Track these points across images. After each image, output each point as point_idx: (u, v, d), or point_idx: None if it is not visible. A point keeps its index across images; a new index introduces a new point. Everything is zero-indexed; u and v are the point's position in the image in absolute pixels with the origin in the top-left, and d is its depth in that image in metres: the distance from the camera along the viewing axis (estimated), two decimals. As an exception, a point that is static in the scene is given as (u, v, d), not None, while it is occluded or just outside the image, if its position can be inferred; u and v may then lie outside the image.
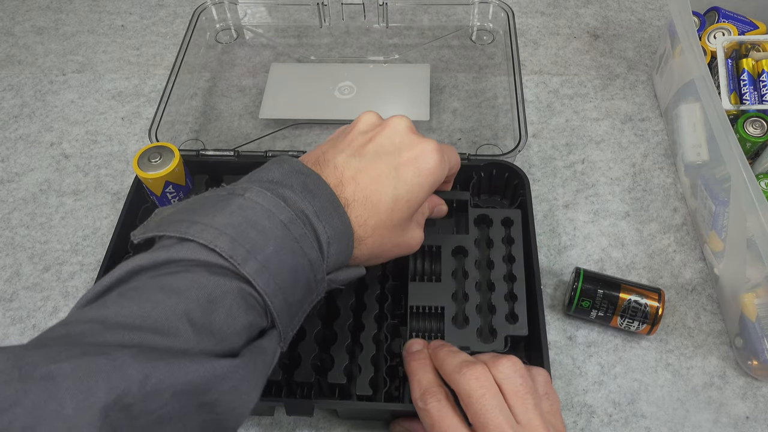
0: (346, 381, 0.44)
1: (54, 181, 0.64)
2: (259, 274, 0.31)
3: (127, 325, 0.28)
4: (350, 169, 0.37)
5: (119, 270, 0.30)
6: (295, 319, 0.34)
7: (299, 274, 0.33)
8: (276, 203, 0.33)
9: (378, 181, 0.37)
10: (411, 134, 0.39)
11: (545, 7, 0.79)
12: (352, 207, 0.36)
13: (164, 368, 0.26)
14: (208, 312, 0.29)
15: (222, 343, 0.30)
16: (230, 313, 0.30)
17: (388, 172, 0.37)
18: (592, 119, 0.67)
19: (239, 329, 0.30)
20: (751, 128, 0.53)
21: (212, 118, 0.68)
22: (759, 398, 0.48)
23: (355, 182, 0.37)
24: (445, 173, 0.40)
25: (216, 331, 0.29)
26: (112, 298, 0.29)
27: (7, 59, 0.76)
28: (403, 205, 0.38)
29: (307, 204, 0.34)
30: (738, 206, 0.46)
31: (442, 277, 0.47)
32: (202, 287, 0.29)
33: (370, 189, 0.37)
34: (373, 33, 0.75)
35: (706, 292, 0.54)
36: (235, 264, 0.30)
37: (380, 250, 0.39)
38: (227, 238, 0.30)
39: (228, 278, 0.30)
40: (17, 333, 0.53)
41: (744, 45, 0.57)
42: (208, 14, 0.73)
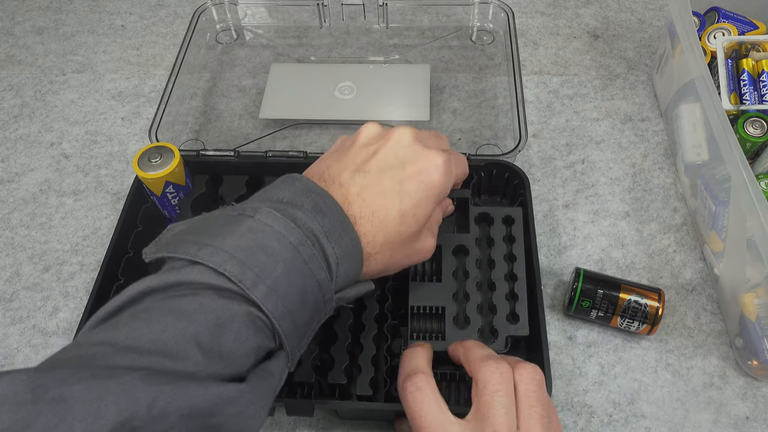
0: (346, 381, 0.44)
1: (54, 181, 0.64)
2: (268, 298, 0.31)
3: (137, 348, 0.28)
4: (355, 185, 0.37)
5: (130, 290, 0.31)
6: (303, 339, 0.34)
7: (307, 295, 0.33)
8: (286, 225, 0.33)
9: (384, 197, 0.37)
10: (415, 146, 0.39)
11: (545, 7, 0.79)
12: (360, 224, 0.36)
13: (172, 392, 0.27)
14: (217, 335, 0.29)
15: (230, 366, 0.30)
16: (238, 337, 0.30)
17: (392, 186, 0.37)
18: (592, 119, 0.67)
19: (248, 352, 0.31)
20: (751, 128, 0.53)
21: (212, 119, 0.68)
22: (759, 398, 0.48)
23: (360, 199, 0.36)
24: (451, 184, 0.40)
25: (225, 354, 0.30)
26: (123, 320, 0.29)
27: (7, 59, 0.76)
28: (410, 219, 0.37)
29: (316, 224, 0.34)
30: (738, 206, 0.46)
31: (443, 277, 0.47)
32: (210, 311, 0.30)
33: (376, 205, 0.36)
34: (373, 33, 0.75)
35: (706, 292, 0.54)
36: (244, 288, 0.30)
37: (390, 263, 0.39)
38: (236, 262, 0.31)
39: (236, 302, 0.30)
40: (17, 333, 0.53)
41: (744, 45, 0.57)
42: (209, 15, 0.73)
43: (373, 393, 0.44)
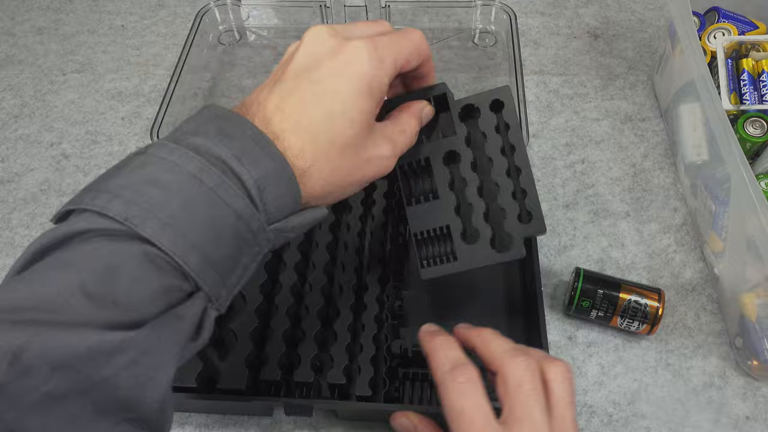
0: (345, 381, 0.44)
1: (54, 181, 0.64)
2: (163, 233, 0.28)
3: (13, 308, 0.26)
4: (273, 99, 0.33)
5: (25, 254, 0.29)
6: (231, 276, 0.31)
7: (222, 227, 0.30)
8: (183, 154, 0.30)
9: (304, 102, 0.33)
10: (331, 40, 0.34)
11: (545, 8, 0.79)
12: (283, 138, 0.32)
13: (39, 341, 0.24)
14: (108, 281, 0.27)
15: (129, 313, 0.27)
16: (134, 280, 0.27)
17: (311, 88, 0.33)
18: (592, 119, 0.67)
19: (151, 295, 0.28)
20: (751, 128, 0.53)
21: (212, 119, 0.68)
22: (759, 398, 0.48)
23: (280, 111, 0.33)
24: (388, 71, 0.35)
25: (120, 300, 0.27)
26: (10, 285, 0.28)
27: (7, 59, 0.76)
28: (343, 120, 0.33)
29: (223, 149, 0.30)
30: (738, 206, 0.46)
31: (439, 193, 0.42)
32: (99, 257, 0.27)
33: (298, 113, 0.32)
34: (373, 33, 0.75)
35: (706, 292, 0.54)
36: (131, 226, 0.28)
37: (335, 179, 0.34)
38: (121, 201, 0.28)
39: (128, 242, 0.28)
40: (17, 333, 0.53)
41: (744, 45, 0.57)
42: (211, 16, 0.73)
43: (372, 393, 0.44)
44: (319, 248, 0.51)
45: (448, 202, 0.42)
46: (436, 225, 0.42)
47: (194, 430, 0.47)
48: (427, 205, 0.42)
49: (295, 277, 0.49)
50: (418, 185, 0.43)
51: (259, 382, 0.45)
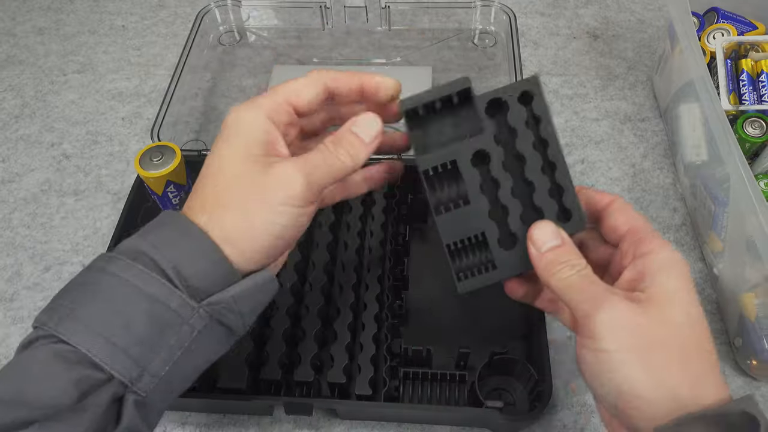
0: (345, 380, 0.44)
1: (55, 181, 0.64)
2: (70, 326, 0.30)
3: None
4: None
5: None
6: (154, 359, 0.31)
7: (133, 312, 0.30)
8: (106, 257, 0.32)
9: (202, 175, 0.35)
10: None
11: (545, 8, 0.80)
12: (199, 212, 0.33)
13: None
14: (17, 383, 0.29)
15: (42, 410, 0.28)
16: (43, 377, 0.29)
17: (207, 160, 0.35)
18: (592, 119, 0.67)
19: (62, 389, 0.29)
20: (750, 128, 0.53)
21: (213, 119, 0.68)
22: (758, 398, 0.48)
23: (194, 191, 0.35)
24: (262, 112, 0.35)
25: (29, 399, 0.28)
26: None
27: (8, 60, 0.76)
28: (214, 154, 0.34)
29: (141, 241, 0.32)
30: (737, 206, 0.46)
31: (469, 197, 0.38)
32: (14, 364, 0.30)
33: (200, 183, 0.35)
34: (375, 35, 0.75)
35: (705, 292, 0.54)
36: (46, 328, 0.30)
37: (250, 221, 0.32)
38: (46, 310, 0.31)
39: (43, 344, 0.30)
40: (18, 333, 0.53)
41: (743, 45, 0.57)
42: (212, 16, 0.73)
43: (372, 392, 0.44)
44: (319, 248, 0.51)
45: (481, 206, 0.38)
46: (471, 233, 0.38)
47: (194, 429, 0.48)
48: (458, 211, 0.38)
49: (295, 277, 0.49)
50: (446, 191, 0.39)
51: (259, 382, 0.45)
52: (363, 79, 0.38)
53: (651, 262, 0.32)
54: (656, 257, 0.33)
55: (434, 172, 0.38)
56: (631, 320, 0.30)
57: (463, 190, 0.38)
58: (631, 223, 0.35)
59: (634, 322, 0.30)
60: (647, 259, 0.33)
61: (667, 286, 0.31)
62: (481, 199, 0.38)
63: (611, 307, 0.31)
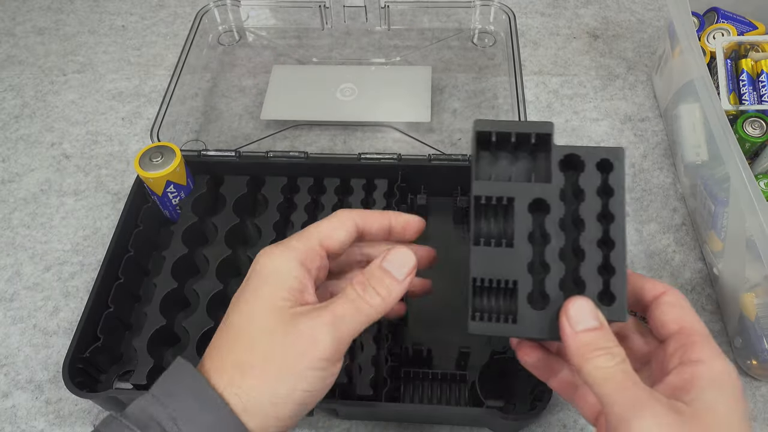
0: (346, 381, 0.44)
1: (55, 181, 0.64)
2: None
3: None
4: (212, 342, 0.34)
5: None
6: None
7: None
8: (107, 421, 0.30)
9: (221, 332, 0.33)
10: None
11: (545, 8, 0.80)
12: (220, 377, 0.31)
13: None
14: None
15: None
16: None
17: (226, 319, 0.33)
18: (592, 119, 0.67)
19: None
20: (750, 128, 0.53)
21: (213, 119, 0.68)
22: (758, 398, 0.48)
23: (211, 349, 0.33)
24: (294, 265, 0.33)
25: None
26: None
27: (8, 60, 0.76)
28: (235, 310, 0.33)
29: (160, 409, 0.30)
30: (737, 206, 0.47)
31: (515, 241, 0.36)
32: None
33: (218, 343, 0.33)
34: (374, 35, 0.75)
35: (705, 292, 0.54)
36: None
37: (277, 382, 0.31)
38: None
39: None
40: (18, 333, 0.53)
41: (743, 45, 0.57)
42: (211, 16, 0.73)
43: (373, 393, 0.44)
44: (320, 248, 0.51)
45: (523, 254, 0.35)
46: (503, 276, 0.35)
47: (195, 429, 0.48)
48: (498, 251, 0.36)
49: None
50: (492, 225, 0.37)
51: (259, 382, 0.45)
52: (391, 217, 0.37)
53: (701, 372, 0.29)
54: (708, 369, 0.29)
55: (487, 201, 0.36)
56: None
57: (510, 232, 0.36)
58: (683, 322, 0.32)
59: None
60: (697, 368, 0.29)
61: (716, 406, 0.28)
62: (525, 248, 0.35)
63: (653, 416, 0.27)
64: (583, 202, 0.36)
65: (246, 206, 0.56)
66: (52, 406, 0.49)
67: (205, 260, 0.53)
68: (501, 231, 0.37)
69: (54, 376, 0.51)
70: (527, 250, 0.35)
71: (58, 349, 0.52)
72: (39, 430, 0.48)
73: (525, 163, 0.37)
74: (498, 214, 0.37)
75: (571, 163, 0.37)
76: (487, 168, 0.36)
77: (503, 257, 0.35)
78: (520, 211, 0.36)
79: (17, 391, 0.50)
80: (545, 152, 0.36)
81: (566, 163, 0.36)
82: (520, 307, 0.35)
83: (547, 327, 0.34)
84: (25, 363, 0.52)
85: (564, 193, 0.36)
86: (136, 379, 0.45)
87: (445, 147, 0.64)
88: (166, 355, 0.49)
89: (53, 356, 0.52)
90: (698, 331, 0.31)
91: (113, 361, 0.49)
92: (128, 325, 0.51)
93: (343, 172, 0.57)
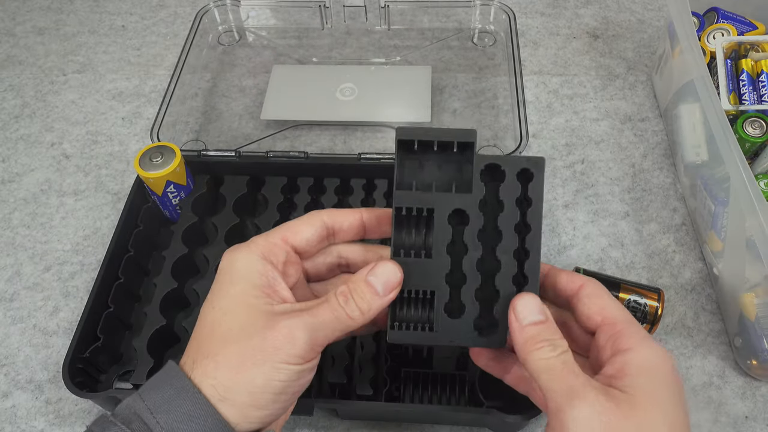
0: (346, 380, 0.44)
1: (55, 181, 0.64)
2: None
3: None
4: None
5: None
6: None
7: None
8: (100, 421, 0.31)
9: (200, 319, 0.34)
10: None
11: (545, 8, 0.80)
12: (199, 367, 0.32)
13: None
14: None
15: None
16: None
17: (206, 304, 0.34)
18: (592, 119, 0.67)
19: None
20: (750, 128, 0.53)
21: (213, 119, 0.68)
22: (758, 398, 0.48)
23: (192, 340, 0.34)
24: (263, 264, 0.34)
25: None
26: None
27: (8, 60, 0.76)
28: (207, 305, 0.33)
29: (139, 402, 0.31)
30: (737, 206, 0.47)
31: (433, 252, 0.36)
32: None
33: (196, 334, 0.34)
34: (374, 35, 0.75)
35: (705, 291, 0.54)
36: None
37: (240, 372, 0.31)
38: None
39: None
40: (18, 332, 0.53)
41: (743, 45, 0.57)
42: (211, 16, 0.73)
43: (373, 392, 0.44)
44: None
45: (441, 265, 0.36)
46: (421, 287, 0.36)
47: (195, 429, 0.48)
48: (416, 261, 0.36)
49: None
50: (413, 236, 0.37)
51: (259, 382, 0.45)
52: (363, 213, 0.37)
53: (630, 360, 0.30)
54: (636, 355, 0.30)
55: (407, 212, 0.36)
56: (607, 423, 0.28)
57: (429, 243, 0.36)
58: (605, 312, 0.33)
59: (610, 425, 0.28)
60: (627, 356, 0.31)
61: (647, 389, 0.29)
62: (443, 259, 0.36)
63: (588, 405, 0.29)
64: (502, 213, 0.36)
65: (246, 206, 0.56)
66: (52, 406, 0.49)
67: (205, 260, 0.53)
68: (421, 242, 0.37)
69: (54, 376, 0.51)
70: (445, 261, 0.36)
71: (58, 349, 0.52)
72: (39, 430, 0.48)
73: (450, 169, 0.37)
74: (420, 224, 0.37)
75: (492, 173, 0.37)
76: (411, 175, 0.36)
77: (422, 269, 0.36)
78: (440, 222, 0.36)
79: (17, 391, 0.50)
80: (467, 161, 0.36)
81: (488, 172, 0.37)
82: (437, 316, 0.36)
83: (463, 334, 0.36)
84: (25, 363, 0.52)
85: (485, 203, 0.37)
86: (136, 379, 0.45)
87: (445, 147, 0.64)
88: (166, 355, 0.49)
89: (53, 356, 0.52)
90: (621, 319, 0.32)
91: (113, 361, 0.49)
92: (128, 325, 0.51)
93: (343, 172, 0.57)
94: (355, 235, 0.38)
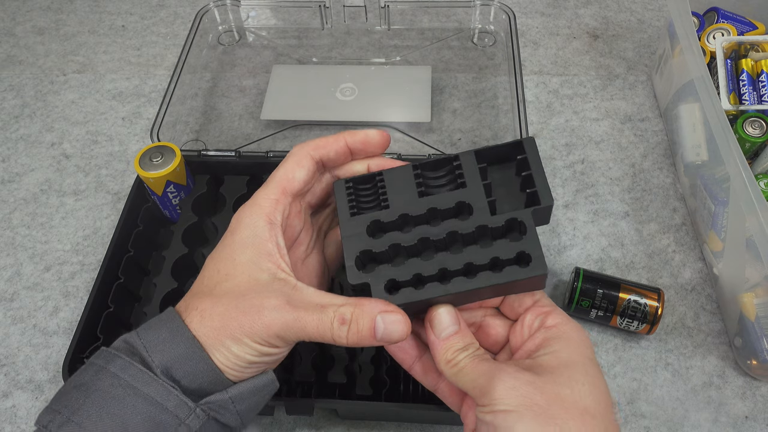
0: (346, 380, 0.44)
1: (55, 181, 0.64)
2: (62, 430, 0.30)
3: None
4: None
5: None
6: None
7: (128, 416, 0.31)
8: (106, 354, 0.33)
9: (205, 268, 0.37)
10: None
11: (545, 8, 0.80)
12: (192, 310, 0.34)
13: None
14: None
15: None
16: None
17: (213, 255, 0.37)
18: (592, 119, 0.67)
19: None
20: (750, 128, 0.53)
21: (213, 119, 0.68)
22: (758, 398, 0.48)
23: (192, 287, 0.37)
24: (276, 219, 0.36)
25: None
26: None
27: (8, 60, 0.76)
28: (208, 261, 0.36)
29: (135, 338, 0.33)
30: (737, 206, 0.47)
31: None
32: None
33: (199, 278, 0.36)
34: (374, 35, 0.75)
35: (705, 291, 0.54)
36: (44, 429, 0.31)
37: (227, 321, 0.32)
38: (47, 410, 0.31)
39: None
40: (18, 332, 0.53)
41: (743, 45, 0.57)
42: (211, 16, 0.73)
43: (373, 392, 0.44)
44: (320, 248, 0.51)
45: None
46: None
47: (195, 429, 0.48)
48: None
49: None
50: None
51: (259, 382, 0.45)
52: (347, 138, 0.39)
53: (551, 333, 0.34)
54: (557, 329, 0.34)
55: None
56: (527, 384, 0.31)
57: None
58: (536, 297, 0.37)
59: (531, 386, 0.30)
60: (549, 331, 0.34)
61: (561, 355, 0.32)
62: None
63: (509, 377, 0.31)
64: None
65: (246, 206, 0.56)
66: (52, 406, 0.49)
67: (204, 260, 0.53)
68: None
69: (54, 376, 0.51)
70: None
71: (58, 349, 0.52)
72: (39, 430, 0.48)
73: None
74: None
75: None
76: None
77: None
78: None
79: (17, 391, 0.50)
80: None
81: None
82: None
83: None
84: (25, 363, 0.52)
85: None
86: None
87: (445, 147, 0.64)
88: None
89: (53, 356, 0.52)
90: (549, 304, 0.36)
91: (113, 361, 0.49)
92: (128, 325, 0.51)
93: (343, 172, 0.57)
94: (343, 161, 0.40)
